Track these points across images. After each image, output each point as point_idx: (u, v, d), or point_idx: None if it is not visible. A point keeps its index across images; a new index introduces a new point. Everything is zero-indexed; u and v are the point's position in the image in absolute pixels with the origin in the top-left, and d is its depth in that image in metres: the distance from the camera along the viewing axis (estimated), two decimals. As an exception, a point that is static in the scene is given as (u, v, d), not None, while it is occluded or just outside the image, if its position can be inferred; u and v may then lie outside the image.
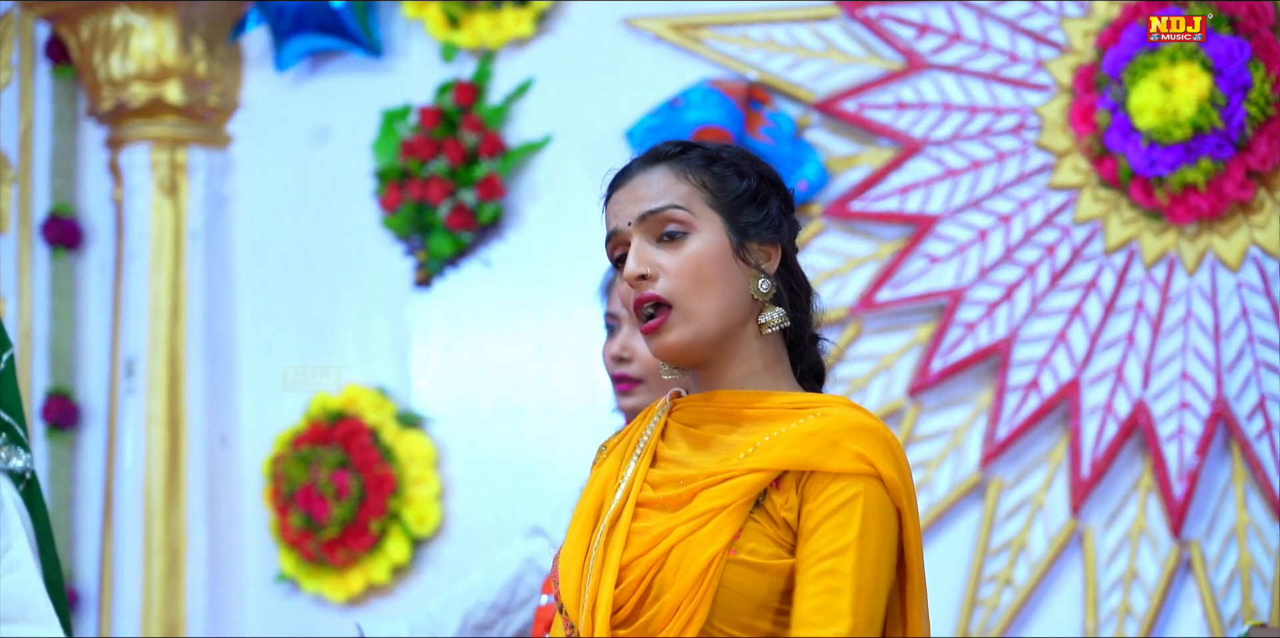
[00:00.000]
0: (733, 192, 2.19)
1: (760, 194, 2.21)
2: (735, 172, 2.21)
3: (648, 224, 2.18)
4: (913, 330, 4.35)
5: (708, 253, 2.16)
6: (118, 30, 5.24)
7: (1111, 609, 4.09)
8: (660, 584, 2.07)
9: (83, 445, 5.39)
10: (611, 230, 2.21)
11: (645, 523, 2.13)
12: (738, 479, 2.09)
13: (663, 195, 2.17)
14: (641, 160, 2.23)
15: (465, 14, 4.91)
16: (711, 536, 2.07)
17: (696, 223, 2.17)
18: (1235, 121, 3.90)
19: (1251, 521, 3.95)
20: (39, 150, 5.44)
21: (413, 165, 4.94)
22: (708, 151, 2.22)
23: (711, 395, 2.19)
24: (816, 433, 2.10)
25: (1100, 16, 4.17)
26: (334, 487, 4.98)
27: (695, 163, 2.20)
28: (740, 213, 2.19)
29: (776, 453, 2.09)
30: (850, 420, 2.11)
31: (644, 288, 2.16)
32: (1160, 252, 4.07)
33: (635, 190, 2.20)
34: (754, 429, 2.14)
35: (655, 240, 2.17)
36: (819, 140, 4.48)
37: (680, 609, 2.05)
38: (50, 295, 5.39)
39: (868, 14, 4.41)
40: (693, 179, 2.19)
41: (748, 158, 2.24)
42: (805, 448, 2.09)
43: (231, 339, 5.32)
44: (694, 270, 2.15)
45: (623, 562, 2.10)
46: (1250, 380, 3.94)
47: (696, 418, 2.19)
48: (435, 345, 5.02)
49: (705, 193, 2.18)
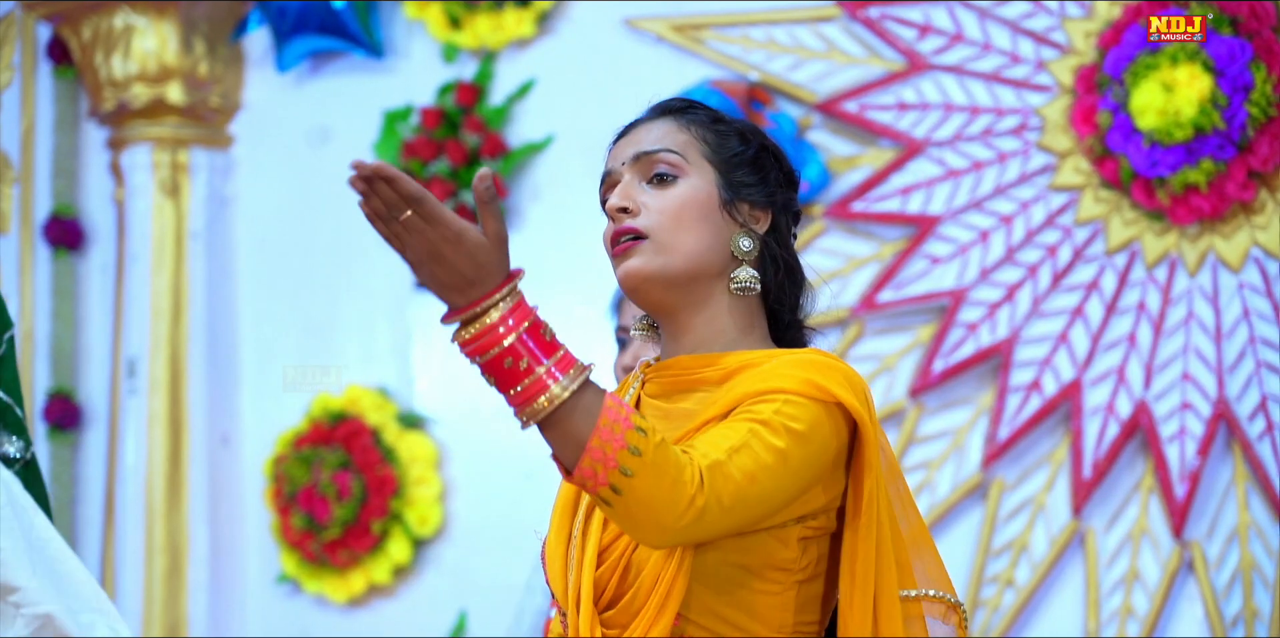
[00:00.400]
0: (731, 150, 2.19)
1: (759, 161, 2.20)
2: (738, 134, 2.21)
3: (640, 164, 2.17)
4: (914, 331, 4.35)
5: (693, 197, 2.14)
6: (119, 31, 5.25)
7: (1113, 610, 4.09)
8: (637, 562, 2.04)
9: (84, 446, 5.39)
10: (606, 171, 2.21)
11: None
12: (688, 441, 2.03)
13: (660, 140, 2.17)
14: (647, 113, 2.24)
15: (467, 15, 4.91)
16: None
17: (688, 169, 2.16)
18: (1237, 122, 3.90)
19: (1253, 521, 3.95)
20: (40, 151, 5.44)
21: (414, 166, 4.94)
22: (715, 113, 2.22)
23: (674, 361, 2.15)
24: (770, 370, 2.05)
25: (1101, 17, 4.17)
26: (335, 487, 4.98)
27: (699, 118, 2.21)
28: (735, 171, 2.18)
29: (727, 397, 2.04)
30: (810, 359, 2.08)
31: (623, 220, 2.14)
32: (1162, 252, 4.07)
33: (635, 136, 2.20)
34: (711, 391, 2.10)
35: (645, 181, 2.17)
36: (820, 141, 4.48)
37: (659, 581, 2.02)
38: (52, 296, 5.39)
39: (869, 15, 4.41)
40: (694, 131, 2.19)
41: (753, 128, 2.24)
42: (749, 382, 2.04)
43: (233, 340, 5.32)
44: (676, 209, 2.13)
45: (601, 544, 2.08)
46: (1252, 381, 3.94)
47: (660, 389, 2.16)
48: (436, 346, 5.02)
49: (704, 145, 2.18)
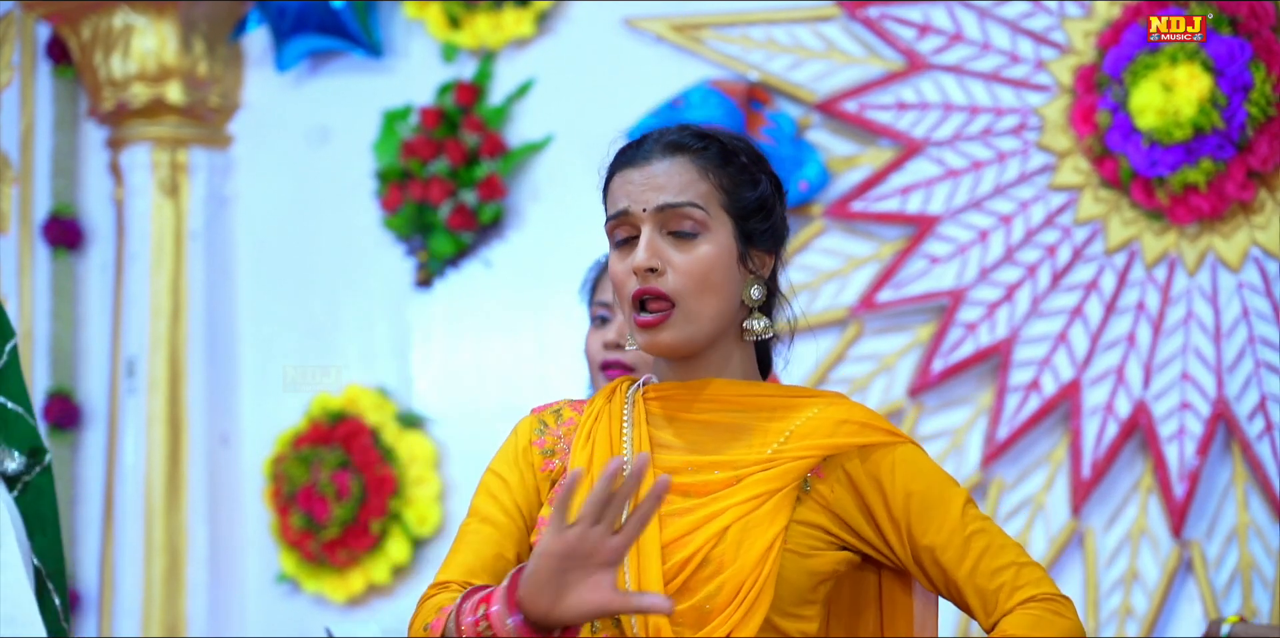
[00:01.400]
0: (746, 198, 2.21)
1: (768, 203, 2.23)
2: (749, 177, 2.22)
3: (664, 216, 2.17)
4: (913, 331, 4.35)
5: (717, 257, 2.17)
6: (118, 31, 5.25)
7: (1112, 610, 4.09)
8: (719, 559, 2.09)
9: (83, 446, 5.38)
10: (622, 210, 2.20)
11: (673, 507, 2.13)
12: (786, 465, 2.13)
13: (684, 191, 2.18)
14: (663, 147, 2.21)
15: (466, 14, 4.91)
16: (770, 516, 2.11)
17: (711, 224, 2.18)
18: (1236, 122, 3.90)
19: (1252, 521, 3.95)
20: (40, 151, 5.44)
21: (413, 166, 4.94)
22: (725, 147, 2.22)
23: (705, 384, 2.20)
24: (846, 420, 2.18)
25: (1101, 17, 4.17)
26: (335, 487, 4.98)
27: (715, 160, 2.20)
28: (749, 219, 2.21)
29: (815, 441, 2.16)
30: (863, 408, 2.23)
31: (650, 281, 2.16)
32: (1161, 252, 4.07)
33: (655, 177, 2.19)
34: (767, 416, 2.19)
35: (666, 233, 2.18)
36: (820, 141, 4.48)
37: (744, 589, 2.08)
38: (51, 296, 5.39)
39: (869, 14, 4.41)
40: (712, 178, 2.19)
41: (757, 157, 2.25)
42: (841, 434, 2.17)
43: (232, 339, 5.32)
44: (703, 273, 2.16)
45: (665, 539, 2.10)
46: (1251, 381, 3.94)
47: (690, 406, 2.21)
48: (436, 346, 5.02)
49: (722, 195, 2.19)
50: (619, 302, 2.21)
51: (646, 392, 2.24)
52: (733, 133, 2.27)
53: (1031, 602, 2.13)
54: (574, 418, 2.27)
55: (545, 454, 2.26)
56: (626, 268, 2.18)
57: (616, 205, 2.20)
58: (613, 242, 2.22)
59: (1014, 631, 2.11)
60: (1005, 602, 2.13)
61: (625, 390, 2.26)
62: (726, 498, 2.12)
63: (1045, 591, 2.14)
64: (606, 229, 2.22)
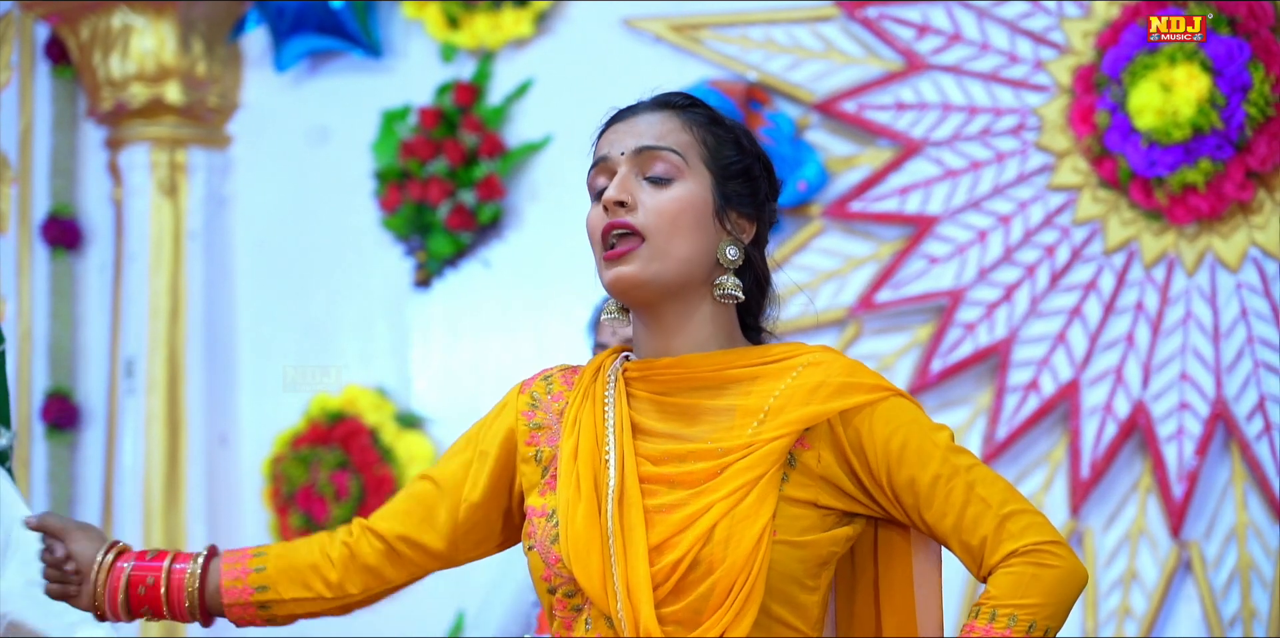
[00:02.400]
0: (728, 158, 2.20)
1: (752, 172, 2.21)
2: (734, 141, 2.21)
3: (640, 159, 2.18)
4: (912, 331, 4.35)
5: (690, 201, 2.15)
6: (117, 31, 5.24)
7: (1111, 610, 4.09)
8: (708, 560, 2.06)
9: (82, 446, 5.38)
10: (601, 156, 2.21)
11: (661, 500, 2.10)
12: (765, 448, 2.09)
13: (663, 137, 2.18)
14: (648, 103, 2.24)
15: (465, 14, 4.91)
16: (755, 508, 2.07)
17: (687, 172, 2.17)
18: (1235, 122, 3.90)
19: (1251, 521, 3.95)
20: (39, 151, 5.43)
21: (412, 166, 4.94)
22: (713, 113, 2.23)
23: (681, 360, 2.16)
24: (822, 383, 2.12)
25: (1100, 17, 4.17)
26: (333, 487, 4.98)
27: (700, 118, 2.21)
28: (730, 180, 2.19)
29: (792, 414, 2.10)
30: (843, 363, 2.15)
31: (619, 215, 2.15)
32: (1160, 252, 4.07)
33: (636, 126, 2.20)
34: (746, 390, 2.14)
35: (642, 176, 2.17)
36: (818, 141, 4.48)
37: (735, 587, 2.05)
38: (50, 296, 5.39)
39: (867, 15, 4.41)
40: (695, 132, 2.19)
41: (749, 136, 2.25)
42: (817, 399, 2.11)
43: (231, 339, 5.31)
44: (673, 213, 2.14)
45: (651, 543, 2.08)
46: (1250, 381, 3.94)
47: (668, 386, 2.17)
48: (435, 346, 5.02)
49: (703, 149, 2.18)
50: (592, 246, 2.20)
51: (627, 369, 2.20)
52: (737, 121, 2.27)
53: (1014, 557, 2.07)
54: (563, 393, 2.24)
55: (532, 428, 2.23)
56: (599, 209, 2.18)
57: (599, 153, 2.22)
58: (593, 194, 2.22)
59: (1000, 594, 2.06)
60: (989, 558, 2.08)
61: (609, 367, 2.22)
62: (712, 492, 2.08)
63: (1028, 542, 2.06)
64: (588, 183, 2.22)
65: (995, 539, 2.08)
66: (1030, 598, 2.06)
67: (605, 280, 2.17)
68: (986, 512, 2.09)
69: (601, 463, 2.14)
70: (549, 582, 2.14)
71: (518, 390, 2.29)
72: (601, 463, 2.14)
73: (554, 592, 2.13)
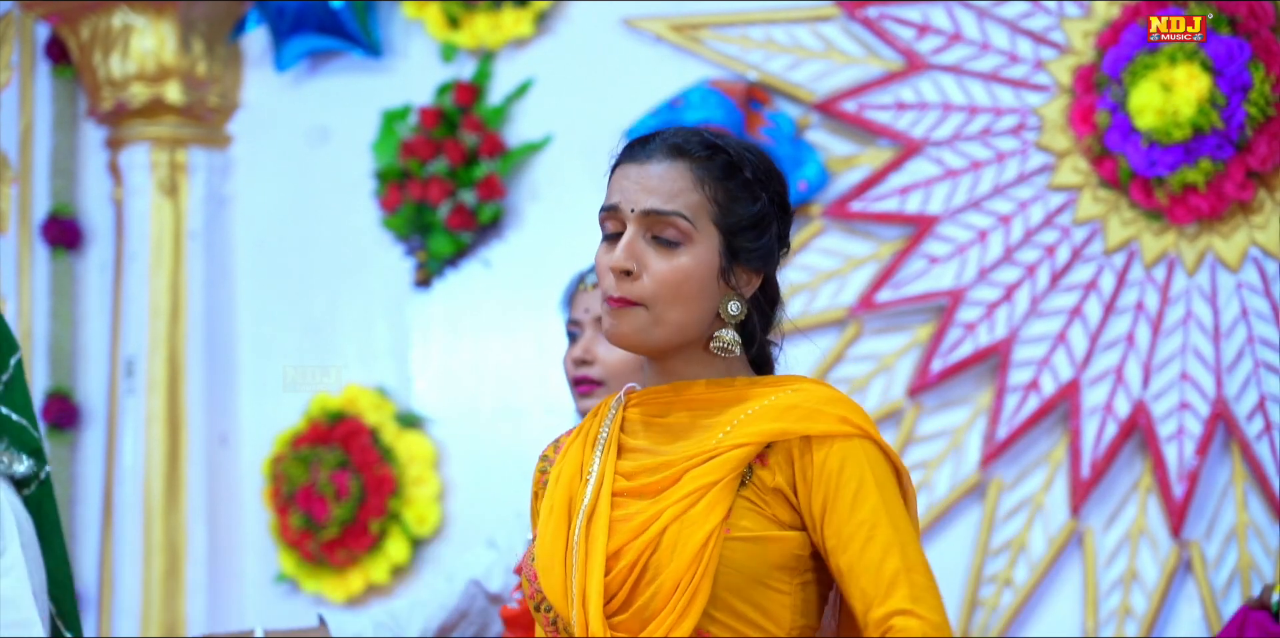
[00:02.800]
0: (740, 214, 2.19)
1: (764, 221, 2.21)
2: (749, 192, 2.20)
3: (649, 221, 2.17)
4: (912, 331, 4.35)
5: (695, 269, 2.16)
6: (117, 30, 5.25)
7: (1111, 610, 4.09)
8: (656, 565, 2.08)
9: (82, 446, 5.38)
10: (613, 204, 2.20)
11: (626, 511, 2.13)
12: (724, 456, 2.10)
13: (673, 199, 2.17)
14: (667, 148, 2.20)
15: (465, 14, 4.91)
16: (705, 513, 2.08)
17: (695, 237, 2.17)
18: (1235, 122, 3.90)
19: (1251, 521, 3.95)
20: (39, 150, 5.44)
21: (412, 166, 4.94)
22: (732, 159, 2.20)
23: (682, 387, 2.20)
24: (796, 405, 2.13)
25: (1100, 17, 4.17)
26: (334, 487, 4.98)
27: (716, 172, 2.19)
28: (739, 236, 2.19)
29: (758, 427, 2.12)
30: (826, 393, 2.16)
31: (623, 287, 2.17)
32: (1160, 252, 4.07)
33: (649, 178, 2.18)
34: (727, 410, 2.16)
35: (651, 237, 2.18)
36: (819, 141, 4.48)
37: (680, 588, 2.06)
38: (50, 296, 5.39)
39: (868, 14, 4.41)
40: (707, 191, 2.18)
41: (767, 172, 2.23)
42: (787, 419, 2.11)
43: (231, 339, 5.32)
44: (677, 283, 2.16)
45: (609, 550, 2.10)
46: (1250, 381, 3.94)
47: (664, 409, 2.20)
48: (435, 346, 5.02)
49: (714, 208, 2.18)
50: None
51: (628, 399, 2.25)
52: (750, 146, 2.25)
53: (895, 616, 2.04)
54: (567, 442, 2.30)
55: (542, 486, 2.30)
56: (607, 261, 2.19)
57: (610, 198, 2.21)
58: (603, 231, 2.23)
59: None
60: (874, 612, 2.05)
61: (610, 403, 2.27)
62: (666, 498, 2.11)
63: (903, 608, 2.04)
64: (599, 218, 2.23)
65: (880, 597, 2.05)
66: None
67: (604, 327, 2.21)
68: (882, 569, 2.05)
69: (581, 482, 2.19)
70: (533, 600, 2.19)
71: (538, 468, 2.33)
72: (581, 482, 2.19)
73: (538, 609, 2.18)
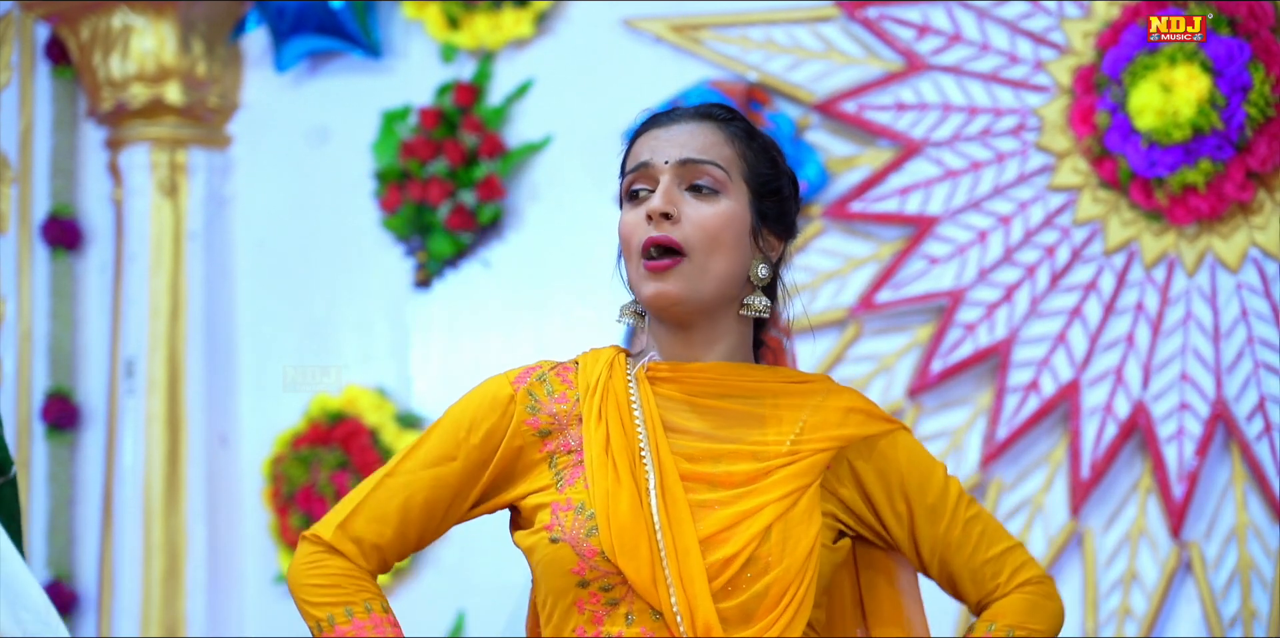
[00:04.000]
0: (765, 175, 2.21)
1: (784, 191, 2.23)
2: (770, 160, 2.23)
3: (685, 170, 2.16)
4: (912, 331, 4.35)
5: (732, 218, 2.16)
6: (117, 31, 5.24)
7: (1111, 610, 4.09)
8: (765, 559, 2.09)
9: (82, 446, 5.38)
10: (642, 162, 2.18)
11: (701, 496, 2.12)
12: (810, 459, 2.15)
13: (708, 150, 2.17)
14: (689, 111, 2.22)
15: (465, 15, 4.91)
16: (806, 516, 2.12)
17: (730, 188, 2.17)
18: (1235, 123, 3.90)
19: (1251, 522, 3.95)
20: (39, 151, 5.43)
21: (412, 166, 4.94)
22: (751, 127, 2.24)
23: (713, 366, 2.18)
24: (853, 408, 2.21)
25: (1100, 17, 4.17)
26: (334, 488, 4.98)
27: (740, 133, 2.21)
28: (765, 199, 2.21)
29: (831, 432, 2.18)
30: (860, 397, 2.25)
31: (663, 228, 2.14)
32: (1160, 253, 4.07)
33: (678, 135, 2.18)
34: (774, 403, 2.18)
35: (685, 188, 2.17)
36: (819, 141, 4.48)
37: (790, 590, 2.09)
38: (50, 296, 5.39)
39: (867, 15, 4.41)
40: (737, 147, 2.19)
41: (781, 152, 2.27)
42: (851, 425, 2.19)
43: (231, 340, 5.31)
44: (717, 229, 2.15)
45: (704, 533, 2.09)
46: (1250, 382, 3.94)
47: (700, 388, 2.18)
48: (435, 346, 5.02)
49: (743, 164, 2.19)
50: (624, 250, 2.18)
51: (650, 370, 2.20)
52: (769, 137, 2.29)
53: (1028, 585, 2.22)
54: (565, 393, 2.21)
55: (541, 435, 2.20)
56: (639, 216, 2.16)
57: (637, 159, 2.19)
58: (626, 196, 2.20)
59: (1011, 614, 2.20)
60: (1003, 585, 2.22)
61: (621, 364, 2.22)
62: (761, 494, 2.11)
63: (1037, 573, 2.24)
64: (623, 185, 2.20)
65: (1012, 569, 2.22)
66: (1037, 624, 2.22)
67: (644, 293, 2.16)
68: (1001, 547, 2.23)
69: (637, 457, 2.13)
70: (581, 575, 2.10)
71: (510, 392, 2.25)
72: (637, 457, 2.13)
73: (586, 585, 2.11)
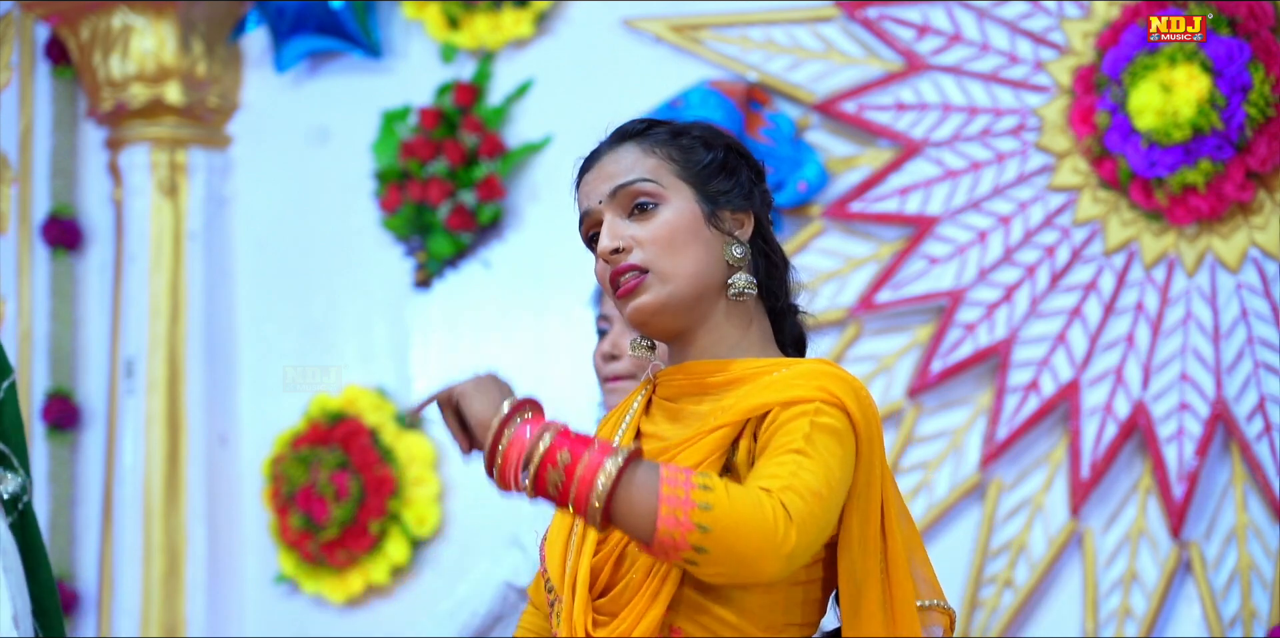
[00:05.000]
0: (700, 162, 2.20)
1: (729, 164, 2.22)
2: (702, 143, 2.22)
3: (618, 199, 2.18)
4: (912, 331, 4.35)
5: (678, 220, 2.16)
6: (117, 31, 5.25)
7: (1111, 610, 4.09)
8: (631, 552, 2.07)
9: (83, 446, 5.38)
10: (584, 211, 2.22)
11: None
12: (704, 439, 2.09)
13: (631, 170, 2.19)
14: (608, 141, 2.25)
15: (465, 15, 4.91)
16: None
17: (666, 194, 2.17)
18: (1235, 123, 3.90)
19: (1251, 522, 3.95)
20: (39, 151, 5.44)
21: (412, 166, 4.94)
22: (674, 127, 2.23)
23: (682, 367, 2.18)
24: (779, 380, 2.08)
25: (1100, 17, 4.17)
26: (333, 488, 4.98)
27: (661, 137, 2.22)
28: (709, 182, 2.20)
29: (740, 407, 2.08)
30: (818, 369, 2.09)
31: (620, 261, 2.16)
32: (1160, 253, 4.07)
33: (604, 169, 2.22)
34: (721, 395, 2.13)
35: (627, 215, 2.18)
36: (818, 141, 4.48)
37: (651, 576, 2.04)
38: (50, 296, 5.39)
39: (867, 15, 4.41)
40: (659, 152, 2.20)
41: (714, 131, 2.25)
42: (766, 394, 2.07)
43: (231, 340, 5.31)
44: (667, 237, 2.15)
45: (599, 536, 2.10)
46: (1250, 382, 3.94)
47: (673, 392, 2.19)
48: (435, 346, 5.02)
49: (673, 164, 2.19)
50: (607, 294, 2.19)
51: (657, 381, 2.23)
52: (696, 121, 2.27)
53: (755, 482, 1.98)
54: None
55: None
56: (602, 263, 2.19)
57: (580, 208, 2.23)
58: (588, 247, 2.23)
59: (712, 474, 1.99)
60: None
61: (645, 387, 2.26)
62: None
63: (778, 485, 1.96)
64: (581, 237, 2.23)
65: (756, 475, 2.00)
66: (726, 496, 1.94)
67: (627, 318, 2.18)
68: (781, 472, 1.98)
69: None
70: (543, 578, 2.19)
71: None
72: None
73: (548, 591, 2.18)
